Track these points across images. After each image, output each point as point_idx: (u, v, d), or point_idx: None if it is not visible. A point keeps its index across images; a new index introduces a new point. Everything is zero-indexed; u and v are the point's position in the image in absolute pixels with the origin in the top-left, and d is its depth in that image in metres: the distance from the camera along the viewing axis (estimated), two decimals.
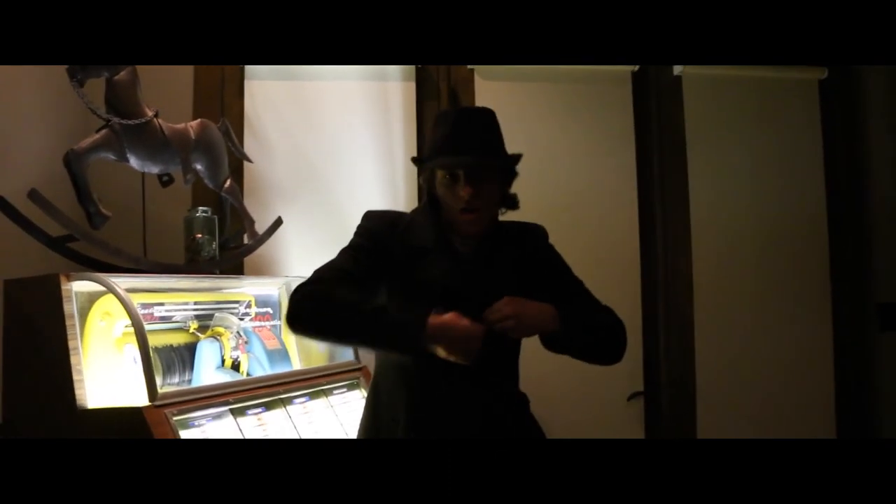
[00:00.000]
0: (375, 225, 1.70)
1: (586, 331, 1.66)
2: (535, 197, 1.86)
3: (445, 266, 1.65)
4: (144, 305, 2.09)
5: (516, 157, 1.70)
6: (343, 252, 1.67)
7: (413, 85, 3.06)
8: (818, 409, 3.14)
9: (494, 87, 3.11)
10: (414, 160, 1.74)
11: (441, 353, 1.48)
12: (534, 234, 1.80)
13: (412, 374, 1.63)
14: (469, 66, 3.09)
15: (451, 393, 1.62)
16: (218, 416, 1.80)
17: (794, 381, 3.13)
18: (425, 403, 1.62)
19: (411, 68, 3.05)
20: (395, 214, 1.76)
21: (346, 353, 2.43)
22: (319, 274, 1.59)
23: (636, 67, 3.17)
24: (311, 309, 1.54)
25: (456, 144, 1.62)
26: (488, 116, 1.71)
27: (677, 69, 3.19)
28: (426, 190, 1.74)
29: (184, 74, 2.90)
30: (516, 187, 1.79)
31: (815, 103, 3.29)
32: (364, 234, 1.69)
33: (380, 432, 1.67)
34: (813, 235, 3.23)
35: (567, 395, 2.90)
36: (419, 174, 1.75)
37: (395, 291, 1.65)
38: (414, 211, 1.77)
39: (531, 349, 1.73)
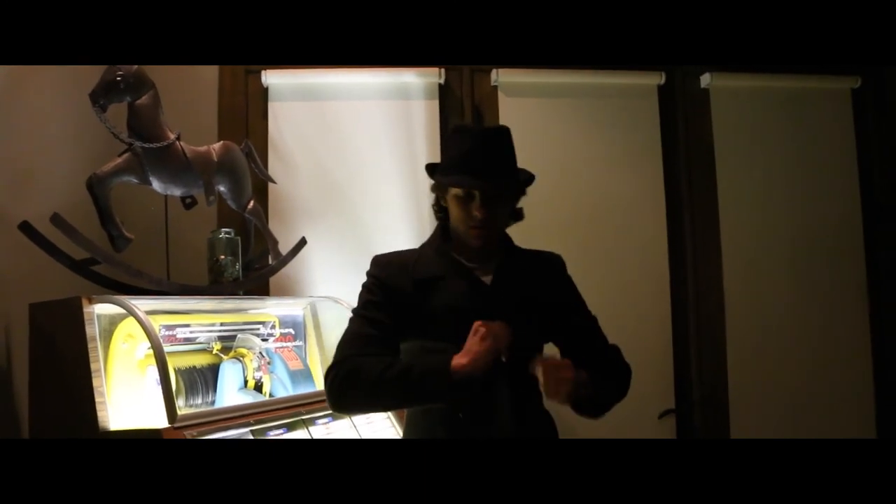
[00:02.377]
0: (383, 271, 1.73)
1: (606, 387, 1.69)
2: (562, 214, 1.86)
3: (464, 291, 1.68)
4: (168, 327, 2.10)
5: (530, 179, 1.74)
6: (355, 317, 1.69)
7: (436, 103, 3.05)
8: (858, 428, 3.05)
9: (518, 104, 3.09)
10: (428, 169, 1.77)
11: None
12: (551, 263, 1.83)
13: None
14: (493, 83, 3.08)
15: (481, 414, 1.63)
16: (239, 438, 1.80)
17: (832, 397, 3.05)
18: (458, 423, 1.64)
19: (434, 87, 3.05)
20: (403, 254, 1.79)
21: None
22: (342, 353, 1.63)
23: (662, 80, 3.14)
24: (343, 393, 1.60)
25: (474, 166, 1.66)
26: (505, 136, 1.72)
27: (704, 81, 3.15)
28: (436, 201, 1.78)
29: (208, 98, 2.93)
30: (545, 204, 1.80)
31: (847, 113, 3.22)
32: (372, 286, 1.72)
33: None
34: (847, 247, 3.16)
35: None
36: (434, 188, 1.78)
37: (419, 327, 1.67)
38: (423, 245, 1.80)
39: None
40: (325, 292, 2.70)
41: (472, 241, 1.70)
